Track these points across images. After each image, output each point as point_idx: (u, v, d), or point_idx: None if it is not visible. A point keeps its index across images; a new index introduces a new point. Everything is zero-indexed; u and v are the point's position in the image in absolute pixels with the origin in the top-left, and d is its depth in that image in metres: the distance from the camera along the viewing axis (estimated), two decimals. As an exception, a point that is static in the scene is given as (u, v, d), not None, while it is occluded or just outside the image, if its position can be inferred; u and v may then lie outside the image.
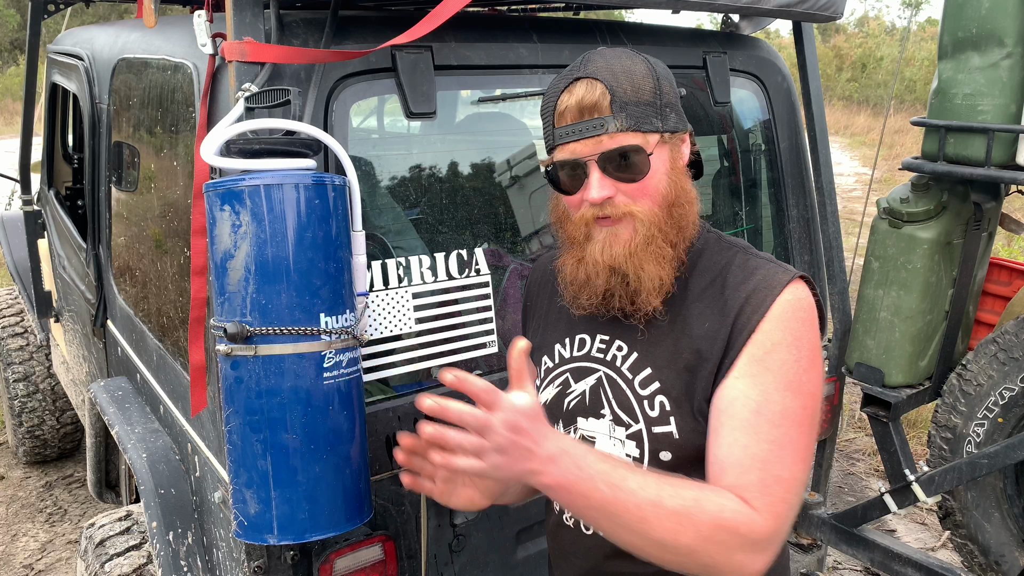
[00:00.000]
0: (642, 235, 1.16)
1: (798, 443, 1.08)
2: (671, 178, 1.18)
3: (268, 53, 1.42)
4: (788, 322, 1.12)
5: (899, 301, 2.64)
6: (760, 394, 1.09)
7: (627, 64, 1.16)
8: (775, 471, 1.06)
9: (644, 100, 1.15)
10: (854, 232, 6.95)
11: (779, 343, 1.11)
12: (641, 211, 1.16)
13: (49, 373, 3.89)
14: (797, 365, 1.10)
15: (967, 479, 2.56)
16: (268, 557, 1.55)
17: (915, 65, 19.92)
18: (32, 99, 3.56)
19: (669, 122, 1.17)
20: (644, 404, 1.20)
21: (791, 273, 1.16)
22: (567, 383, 1.29)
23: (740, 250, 1.24)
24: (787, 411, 1.08)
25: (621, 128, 1.13)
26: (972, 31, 2.46)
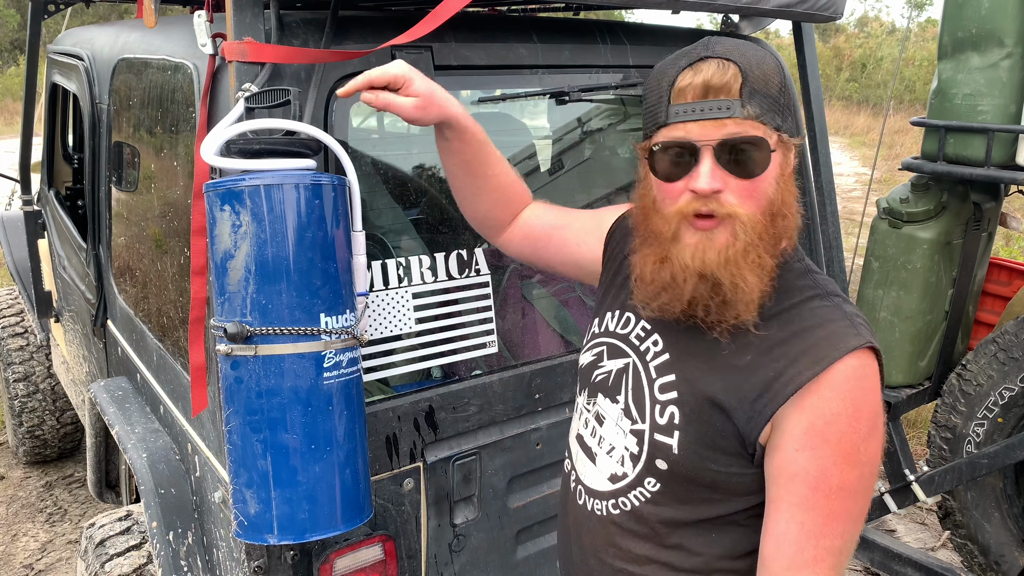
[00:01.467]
0: (742, 242, 1.06)
1: (852, 512, 1.07)
2: (780, 184, 1.09)
3: (268, 53, 1.42)
4: (850, 391, 1.05)
5: (899, 301, 2.64)
6: (818, 469, 1.05)
7: (759, 53, 1.08)
8: (827, 543, 1.06)
9: (771, 93, 1.07)
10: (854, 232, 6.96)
11: (839, 413, 1.05)
12: (746, 214, 1.06)
13: (49, 373, 3.89)
14: (856, 436, 1.05)
15: (967, 479, 2.57)
16: (268, 557, 1.55)
17: (915, 65, 19.92)
18: (32, 99, 3.56)
19: (788, 124, 1.09)
20: (656, 408, 1.17)
21: (861, 339, 1.07)
22: (601, 356, 1.28)
23: (819, 293, 1.14)
24: (844, 484, 1.05)
25: (749, 116, 1.05)
26: (972, 31, 2.46)
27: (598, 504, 1.25)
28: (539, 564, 1.97)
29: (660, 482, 1.16)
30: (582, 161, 2.02)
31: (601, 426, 1.26)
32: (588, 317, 2.00)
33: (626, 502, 1.20)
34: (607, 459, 1.23)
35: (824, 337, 1.08)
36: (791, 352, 1.08)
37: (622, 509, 1.21)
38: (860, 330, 1.09)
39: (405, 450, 1.69)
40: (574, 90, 1.87)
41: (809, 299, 1.13)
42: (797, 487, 1.06)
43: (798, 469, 1.06)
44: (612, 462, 1.22)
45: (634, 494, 1.19)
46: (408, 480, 1.71)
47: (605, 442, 1.24)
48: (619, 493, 1.21)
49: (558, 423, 1.90)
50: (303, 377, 1.32)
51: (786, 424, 1.07)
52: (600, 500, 1.25)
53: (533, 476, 1.91)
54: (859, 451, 1.06)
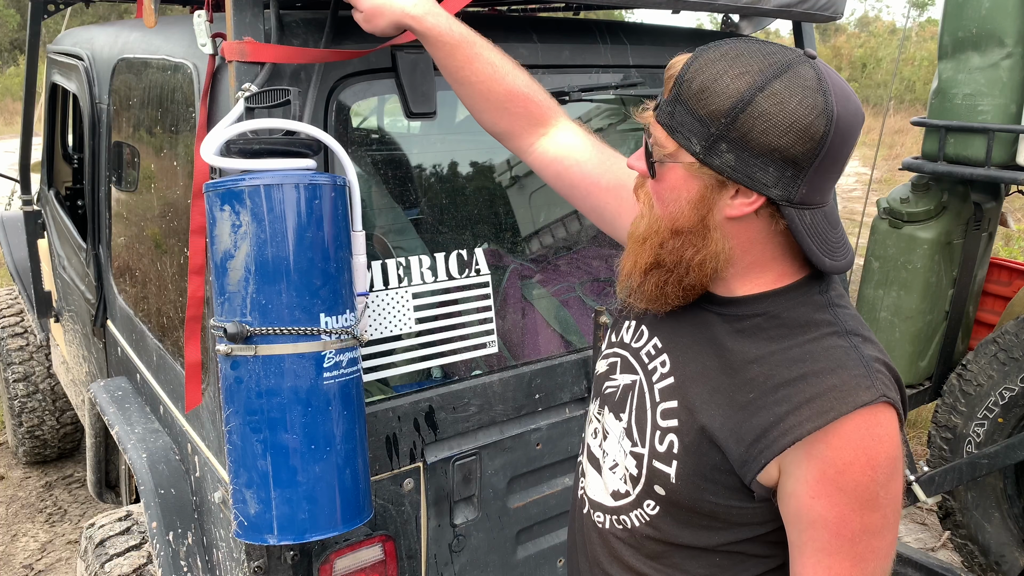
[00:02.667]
0: (640, 232, 1.11)
1: (879, 549, 1.04)
2: (694, 211, 1.04)
3: (268, 53, 1.42)
4: (861, 441, 0.99)
5: (899, 301, 2.64)
6: (837, 516, 1.01)
7: (725, 71, 0.98)
8: None
9: (699, 114, 0.99)
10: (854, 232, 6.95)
11: (851, 463, 0.99)
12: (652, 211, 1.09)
13: (49, 373, 3.89)
14: (874, 484, 0.99)
15: (967, 479, 2.56)
16: (268, 557, 1.55)
17: (915, 65, 19.92)
18: (32, 99, 3.56)
19: (715, 158, 0.99)
20: (656, 434, 1.13)
21: (874, 393, 0.99)
22: (614, 367, 1.25)
23: (836, 332, 1.05)
24: (867, 527, 1.01)
25: (661, 120, 1.04)
26: (972, 31, 2.46)
27: (600, 517, 1.24)
28: (539, 564, 1.97)
29: (659, 506, 1.14)
30: (582, 161, 2.01)
31: (606, 440, 1.24)
32: (588, 317, 2.00)
33: (627, 520, 1.19)
34: (611, 474, 1.22)
35: (834, 386, 1.00)
36: (796, 397, 1.01)
37: (624, 526, 1.19)
38: (875, 381, 1.00)
39: (405, 450, 1.69)
40: (574, 90, 1.87)
41: (825, 336, 1.05)
42: (818, 533, 1.02)
43: (816, 516, 1.02)
44: (615, 478, 1.21)
45: (635, 514, 1.18)
46: (408, 480, 1.70)
47: (609, 457, 1.23)
48: (621, 511, 1.20)
49: (558, 423, 1.90)
50: (303, 377, 1.32)
51: (796, 470, 1.02)
52: (603, 513, 1.23)
53: (533, 476, 1.91)
54: (878, 496, 1.00)
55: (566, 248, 1.98)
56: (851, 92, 1.00)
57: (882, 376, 1.02)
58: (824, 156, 0.97)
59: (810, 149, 0.96)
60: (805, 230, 1.01)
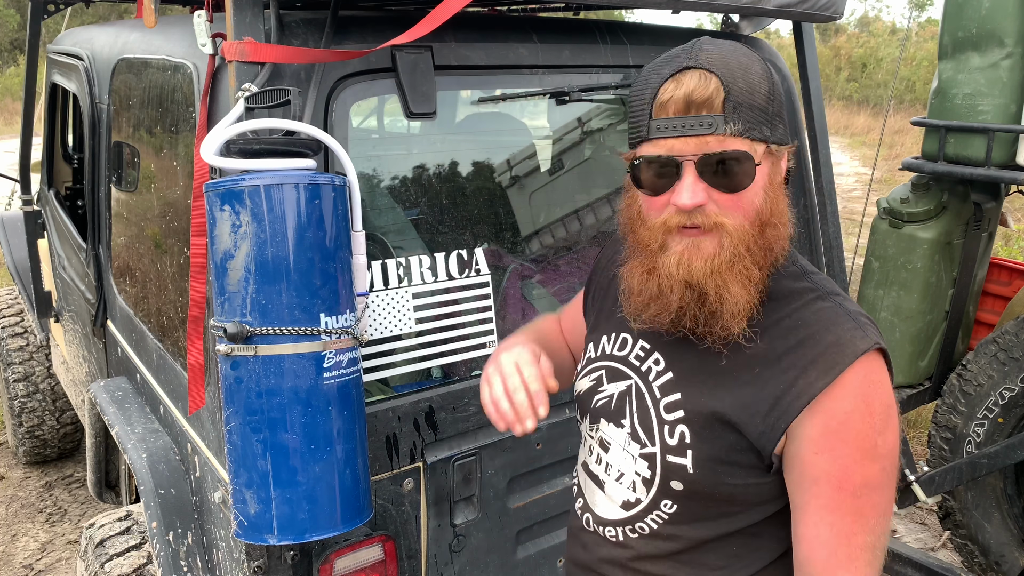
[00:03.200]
0: (728, 251, 1.05)
1: (879, 505, 1.06)
2: (768, 194, 1.07)
3: (268, 53, 1.42)
4: (859, 388, 1.05)
5: (899, 301, 2.64)
6: (840, 469, 1.05)
7: (744, 60, 1.04)
8: (859, 541, 1.06)
9: (758, 104, 1.04)
10: (854, 232, 6.96)
11: (852, 412, 1.04)
12: (732, 225, 1.05)
13: (49, 373, 3.89)
14: (872, 431, 1.04)
15: (967, 479, 2.57)
16: (268, 557, 1.55)
17: (915, 65, 19.92)
18: (32, 99, 3.56)
19: (777, 133, 1.07)
20: (664, 429, 1.14)
21: (869, 342, 1.06)
22: (600, 380, 1.25)
23: (820, 296, 1.12)
24: (867, 479, 1.05)
25: (732, 132, 1.02)
26: (972, 31, 2.46)
27: (611, 531, 1.22)
28: (539, 564, 1.97)
29: (676, 503, 1.14)
30: (582, 161, 2.02)
31: (607, 452, 1.22)
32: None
33: (643, 527, 1.18)
34: (616, 486, 1.20)
35: (832, 343, 1.06)
36: (800, 362, 1.06)
37: (640, 533, 1.18)
38: (867, 331, 1.07)
39: (405, 450, 1.69)
40: (574, 90, 1.87)
41: (810, 302, 1.11)
42: (822, 490, 1.05)
43: (820, 472, 1.05)
44: (623, 488, 1.19)
45: (651, 518, 1.17)
46: (408, 480, 1.70)
47: (613, 469, 1.21)
48: (634, 519, 1.18)
49: (558, 423, 1.90)
50: (303, 377, 1.32)
51: (801, 431, 1.05)
52: (614, 527, 1.22)
53: (533, 476, 1.91)
54: (877, 445, 1.05)
55: (566, 248, 1.98)
56: None
57: (869, 326, 1.09)
58: None
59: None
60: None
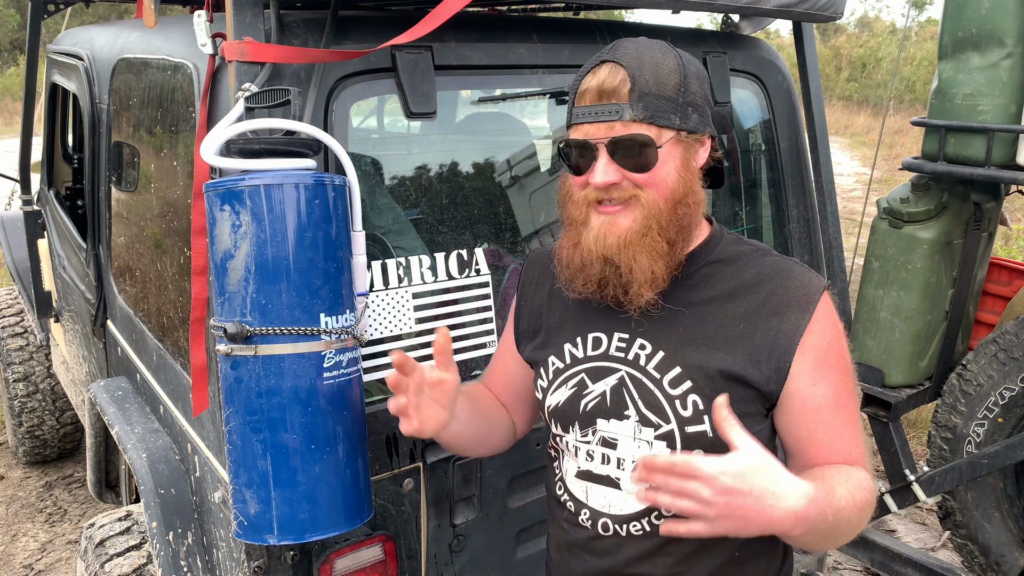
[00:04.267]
0: (640, 224, 1.16)
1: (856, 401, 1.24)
2: (682, 176, 1.18)
3: (268, 53, 1.42)
4: (828, 317, 1.21)
5: (899, 301, 2.64)
6: (834, 391, 1.20)
7: (656, 56, 1.16)
8: (858, 435, 1.22)
9: (665, 95, 1.15)
10: (854, 232, 6.95)
11: (832, 339, 1.20)
12: (647, 199, 1.16)
13: (49, 373, 3.89)
14: (844, 349, 1.22)
15: (967, 479, 2.57)
16: (268, 557, 1.55)
17: (915, 65, 19.92)
18: (32, 99, 3.56)
19: (689, 121, 1.18)
20: (676, 404, 1.19)
21: (822, 280, 1.23)
22: (583, 384, 1.27)
23: (764, 252, 1.27)
24: (851, 391, 1.22)
25: (635, 118, 1.14)
26: (972, 31, 2.46)
27: (636, 525, 1.23)
28: (539, 564, 1.97)
29: None
30: (582, 161, 2.01)
31: (615, 449, 1.23)
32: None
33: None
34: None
35: (798, 286, 1.21)
36: (778, 308, 1.20)
37: (667, 516, 1.20)
38: (813, 272, 1.24)
39: (405, 450, 1.69)
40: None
41: (759, 258, 1.26)
42: (825, 415, 1.19)
43: (821, 400, 1.19)
44: None
45: None
46: (408, 480, 1.70)
47: (626, 462, 1.22)
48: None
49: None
50: (303, 377, 1.32)
51: (796, 368, 1.18)
52: (638, 520, 1.23)
53: (533, 476, 1.91)
54: (849, 360, 1.23)
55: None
56: None
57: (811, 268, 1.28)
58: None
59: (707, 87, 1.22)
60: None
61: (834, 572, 3.38)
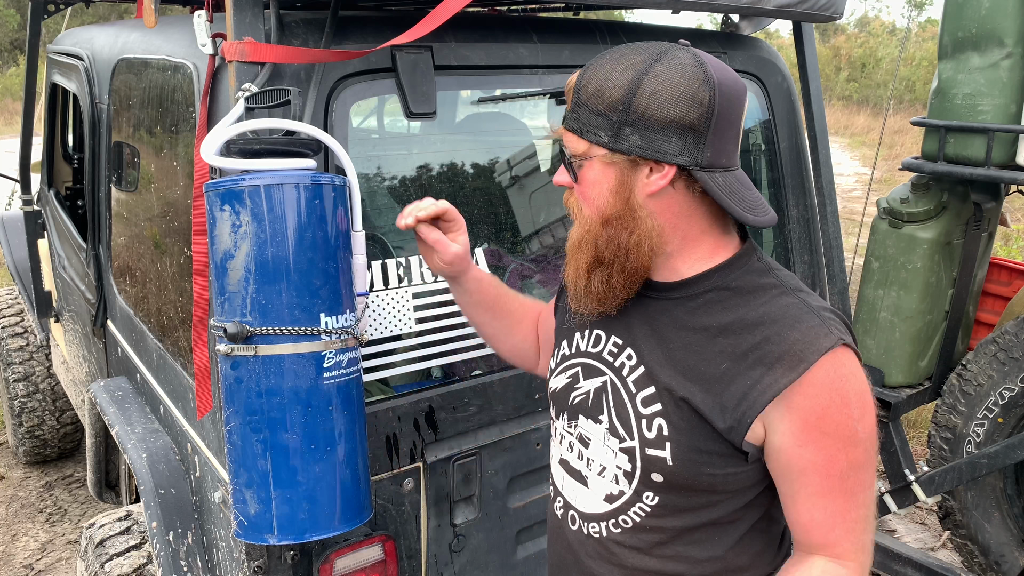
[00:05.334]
0: (575, 237, 1.18)
1: (865, 481, 1.12)
2: (617, 197, 1.11)
3: (268, 53, 1.42)
4: (832, 383, 1.08)
5: (899, 301, 2.64)
6: (825, 458, 1.09)
7: (613, 69, 1.09)
8: (853, 515, 1.11)
9: (599, 110, 1.09)
10: (854, 232, 6.95)
11: (828, 406, 1.08)
12: (584, 214, 1.16)
13: (49, 373, 3.89)
14: (851, 420, 1.08)
15: (967, 479, 2.57)
16: (268, 557, 1.55)
17: (915, 65, 19.91)
18: (32, 99, 3.56)
19: (623, 143, 1.08)
20: (642, 423, 1.16)
21: (833, 339, 1.08)
22: (577, 377, 1.27)
23: (785, 291, 1.14)
24: (852, 462, 1.10)
25: (569, 127, 1.14)
26: (972, 31, 2.46)
27: (595, 526, 1.23)
28: (539, 564, 1.97)
29: (658, 495, 1.16)
30: (582, 161, 2.02)
31: (587, 448, 1.24)
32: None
33: (626, 520, 1.19)
34: (599, 480, 1.22)
35: (797, 340, 1.08)
36: (766, 359, 1.09)
37: (623, 527, 1.20)
38: (831, 328, 1.10)
39: (405, 450, 1.69)
40: (574, 90, 1.87)
41: (775, 297, 1.13)
42: (811, 479, 1.10)
43: (806, 463, 1.10)
44: (605, 482, 1.21)
45: (633, 511, 1.18)
46: (408, 480, 1.71)
47: (595, 463, 1.22)
48: (618, 512, 1.20)
49: (558, 423, 1.90)
50: (303, 377, 1.32)
51: (779, 425, 1.09)
52: (597, 522, 1.23)
53: (533, 476, 1.91)
54: (857, 432, 1.09)
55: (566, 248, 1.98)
56: (726, 66, 1.12)
57: (834, 322, 1.11)
58: (717, 118, 1.07)
59: (702, 114, 1.06)
60: (721, 191, 1.10)
61: (834, 572, 3.37)
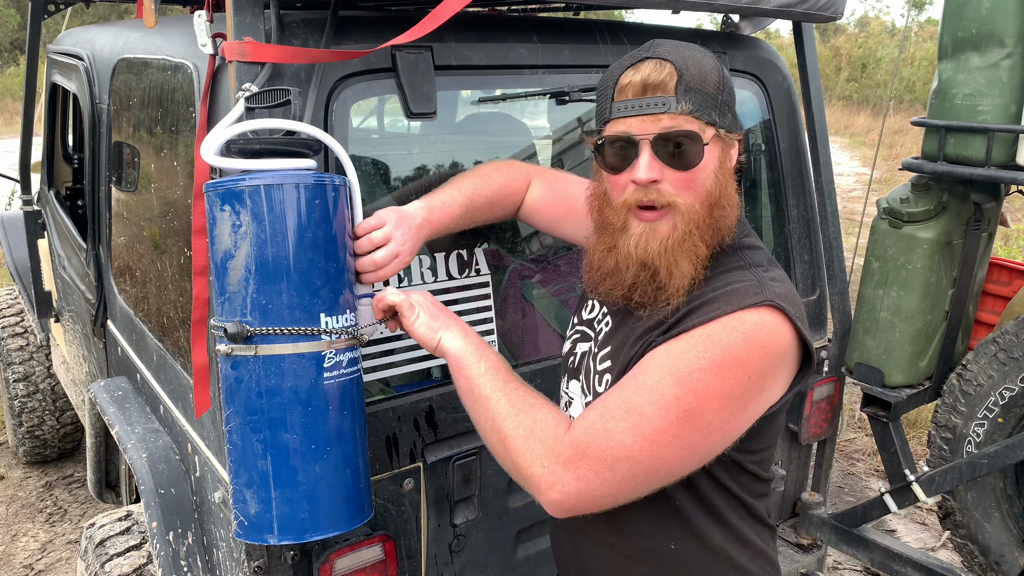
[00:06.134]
0: (680, 231, 1.14)
1: (649, 424, 1.07)
2: (718, 177, 1.17)
3: (268, 53, 1.42)
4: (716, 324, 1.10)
5: (899, 301, 2.64)
6: (644, 362, 1.13)
7: (696, 54, 1.16)
8: (607, 425, 1.09)
9: (707, 91, 1.14)
10: (854, 232, 6.95)
11: (692, 332, 1.10)
12: (684, 204, 1.14)
13: (49, 373, 3.89)
14: (696, 360, 1.08)
15: (967, 479, 2.56)
16: (268, 557, 1.55)
17: (915, 65, 19.91)
18: (32, 99, 3.56)
19: (726, 120, 1.17)
20: (596, 379, 1.28)
21: (758, 298, 1.11)
22: (575, 342, 1.38)
23: (742, 265, 1.20)
24: (656, 387, 1.08)
25: (683, 111, 1.12)
26: (972, 31, 2.46)
27: None
28: (539, 564, 1.97)
29: None
30: (582, 161, 2.02)
31: (570, 407, 1.36)
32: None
33: None
34: None
35: (726, 294, 1.13)
36: (694, 306, 1.15)
37: None
38: (765, 290, 1.12)
39: (405, 450, 1.69)
40: (574, 90, 1.87)
41: (730, 271, 1.19)
42: (625, 377, 1.15)
43: (648, 359, 1.13)
44: None
45: None
46: (408, 480, 1.71)
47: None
48: None
49: (558, 423, 1.90)
50: (303, 377, 1.32)
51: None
52: None
53: (533, 476, 1.91)
54: (691, 375, 1.07)
55: (566, 248, 1.98)
56: None
57: (774, 288, 1.13)
58: None
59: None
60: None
61: (834, 572, 3.38)
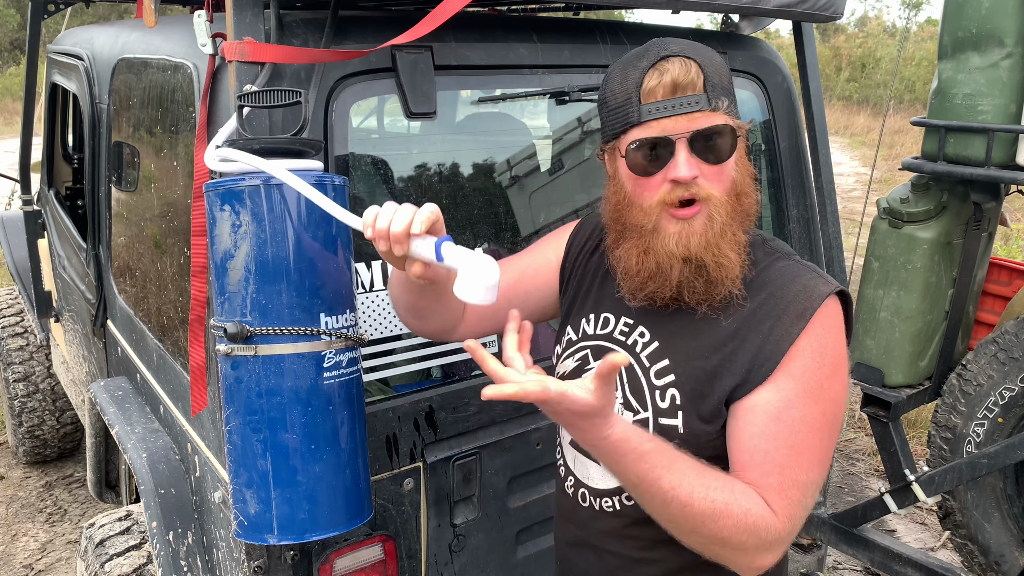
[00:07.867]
0: (718, 223, 1.15)
1: (816, 448, 1.11)
2: (740, 166, 1.19)
3: (268, 53, 1.42)
4: (815, 331, 1.14)
5: (899, 301, 2.64)
6: (781, 400, 1.11)
7: (702, 50, 1.17)
8: (792, 475, 1.10)
9: (725, 84, 1.16)
10: (854, 232, 6.95)
11: (803, 349, 1.13)
12: (718, 197, 1.15)
13: (49, 373, 3.89)
14: (819, 372, 1.12)
15: (967, 479, 2.56)
16: (268, 557, 1.55)
17: (915, 65, 19.91)
18: (32, 99, 3.56)
19: (737, 112, 1.19)
20: (656, 394, 1.21)
21: (832, 286, 1.17)
22: (587, 359, 1.31)
23: (781, 255, 1.24)
24: (806, 417, 1.11)
25: (716, 107, 1.14)
26: (972, 31, 2.46)
27: (607, 501, 1.27)
28: (539, 564, 1.97)
29: None
30: (582, 161, 2.02)
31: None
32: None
33: None
34: None
35: (799, 291, 1.16)
36: (773, 311, 1.16)
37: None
38: (827, 278, 1.19)
39: (405, 450, 1.69)
40: (574, 90, 1.87)
41: (772, 262, 1.22)
42: (759, 417, 1.12)
43: (761, 401, 1.12)
44: None
45: None
46: (408, 480, 1.71)
47: None
48: None
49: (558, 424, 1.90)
50: (303, 377, 1.32)
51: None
52: (610, 497, 1.27)
53: (533, 476, 1.91)
54: (823, 387, 1.12)
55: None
56: None
57: (827, 275, 1.20)
58: None
59: None
60: None
61: (834, 572, 3.38)
